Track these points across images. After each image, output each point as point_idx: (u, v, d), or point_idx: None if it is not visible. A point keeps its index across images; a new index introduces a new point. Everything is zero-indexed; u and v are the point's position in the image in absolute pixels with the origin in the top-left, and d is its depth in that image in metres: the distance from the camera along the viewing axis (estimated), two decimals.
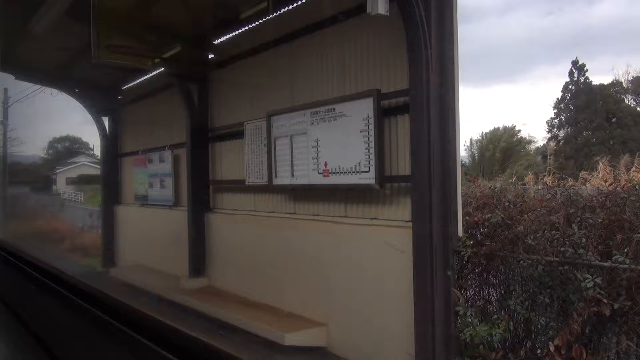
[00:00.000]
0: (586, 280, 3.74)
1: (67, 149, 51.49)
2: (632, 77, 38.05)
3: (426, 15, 4.56)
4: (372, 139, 5.40)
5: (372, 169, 5.40)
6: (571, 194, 4.72)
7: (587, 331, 3.92)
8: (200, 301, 7.20)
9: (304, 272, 6.25)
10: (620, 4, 55.80)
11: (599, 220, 4.14)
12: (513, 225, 4.51)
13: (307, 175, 6.28)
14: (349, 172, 5.69)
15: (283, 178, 6.67)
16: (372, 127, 5.39)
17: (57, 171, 43.43)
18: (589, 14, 57.98)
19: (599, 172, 8.36)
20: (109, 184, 11.92)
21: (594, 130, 35.18)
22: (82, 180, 36.13)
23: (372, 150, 5.40)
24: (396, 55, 5.23)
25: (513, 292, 4.41)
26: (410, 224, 4.83)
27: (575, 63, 37.35)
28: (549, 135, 39.36)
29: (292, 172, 6.51)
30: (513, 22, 65.50)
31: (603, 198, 4.44)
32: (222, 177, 8.34)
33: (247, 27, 7.20)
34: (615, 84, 37.74)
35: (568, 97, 37.93)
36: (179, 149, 9.18)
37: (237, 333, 6.03)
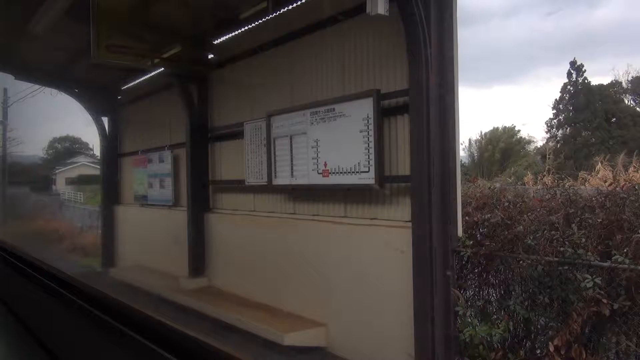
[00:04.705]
0: (586, 281, 3.75)
1: (66, 149, 51.45)
2: (632, 77, 38.12)
3: (426, 15, 4.56)
4: (371, 139, 5.40)
5: (372, 169, 5.40)
6: (570, 194, 4.73)
7: (586, 331, 3.92)
8: (200, 301, 7.20)
9: (303, 272, 6.24)
10: (621, 5, 55.88)
11: (599, 220, 4.15)
12: (512, 225, 4.51)
13: (306, 176, 6.28)
14: (348, 172, 5.69)
15: (283, 178, 6.67)
16: (371, 127, 5.39)
17: (57, 171, 43.42)
18: (591, 15, 58.07)
19: (598, 172, 8.36)
20: (109, 184, 11.92)
21: (593, 130, 35.21)
22: (81, 181, 36.11)
23: (371, 151, 5.40)
24: (396, 55, 5.23)
25: (513, 292, 4.42)
26: (409, 224, 4.83)
27: (573, 64, 37.39)
28: (548, 135, 39.45)
29: (292, 172, 6.51)
30: (515, 23, 65.55)
31: (602, 198, 4.44)
32: (222, 177, 8.34)
33: (247, 27, 7.19)
34: (615, 84, 37.78)
35: (567, 98, 37.96)
36: (178, 149, 9.17)
37: (237, 333, 6.04)
